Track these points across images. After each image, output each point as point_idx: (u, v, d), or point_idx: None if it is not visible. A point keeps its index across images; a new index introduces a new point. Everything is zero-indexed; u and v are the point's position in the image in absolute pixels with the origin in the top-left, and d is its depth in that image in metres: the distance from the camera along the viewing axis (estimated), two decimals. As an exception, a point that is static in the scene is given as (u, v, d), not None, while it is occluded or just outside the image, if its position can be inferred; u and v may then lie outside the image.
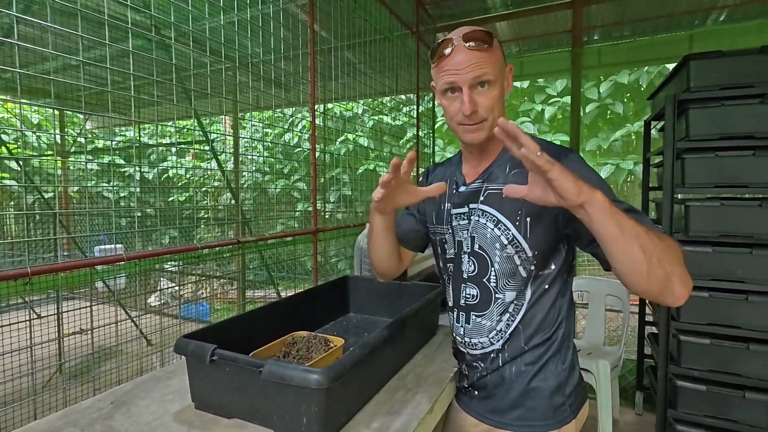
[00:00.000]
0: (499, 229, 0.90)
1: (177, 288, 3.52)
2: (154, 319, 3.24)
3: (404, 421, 0.86)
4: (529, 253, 0.88)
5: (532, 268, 0.89)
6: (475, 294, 0.96)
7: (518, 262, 0.90)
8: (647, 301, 2.49)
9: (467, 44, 0.83)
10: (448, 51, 0.84)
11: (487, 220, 0.92)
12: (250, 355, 0.95)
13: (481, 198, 0.93)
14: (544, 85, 6.24)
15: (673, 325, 1.98)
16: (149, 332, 3.04)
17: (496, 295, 0.94)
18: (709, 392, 1.89)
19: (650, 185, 2.55)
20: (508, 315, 0.93)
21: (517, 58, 3.66)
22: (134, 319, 3.27)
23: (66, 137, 4.92)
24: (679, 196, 2.02)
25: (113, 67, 1.29)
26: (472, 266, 0.95)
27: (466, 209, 0.96)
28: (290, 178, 6.29)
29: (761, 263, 1.80)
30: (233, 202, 3.10)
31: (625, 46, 3.23)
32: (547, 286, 0.91)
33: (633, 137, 5.99)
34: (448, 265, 1.02)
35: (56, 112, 4.95)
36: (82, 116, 4.65)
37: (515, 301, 0.92)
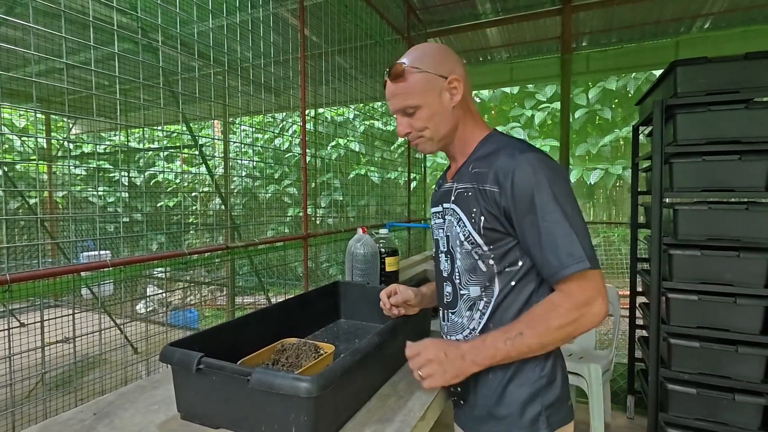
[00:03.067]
0: (460, 226, 0.92)
1: (165, 295, 3.47)
2: (142, 326, 3.18)
3: (396, 429, 0.85)
4: (485, 248, 0.88)
5: (491, 262, 0.89)
6: (450, 291, 0.98)
7: (476, 257, 0.90)
8: (637, 305, 2.51)
9: (389, 79, 0.93)
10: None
11: (454, 219, 0.94)
12: (238, 363, 0.93)
13: (452, 197, 0.95)
14: (533, 90, 6.31)
15: (663, 328, 1.99)
16: (136, 340, 2.98)
17: (461, 291, 0.95)
18: (700, 395, 1.90)
19: (639, 189, 2.57)
20: (478, 312, 0.92)
21: (507, 64, 3.69)
22: (120, 326, 3.20)
23: (52, 142, 4.84)
24: (667, 200, 2.04)
25: (101, 70, 1.27)
26: (447, 264, 0.98)
27: (440, 208, 1.00)
28: (281, 183, 6.26)
29: (749, 266, 1.82)
30: (223, 207, 3.06)
31: (613, 53, 3.28)
32: (514, 283, 0.88)
33: (621, 142, 6.07)
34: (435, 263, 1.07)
35: (39, 115, 4.87)
36: (67, 120, 4.58)
37: (483, 298, 0.91)
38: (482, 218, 0.87)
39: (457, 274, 0.95)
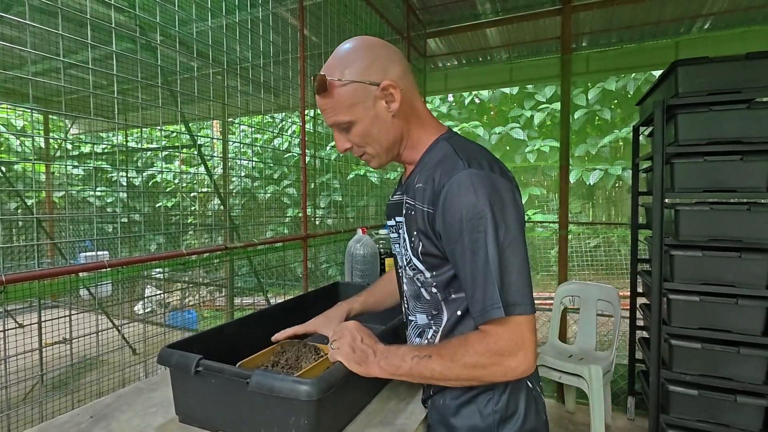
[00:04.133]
0: (405, 247, 0.84)
1: (163, 295, 3.45)
2: (141, 327, 3.16)
3: (397, 432, 0.84)
4: (427, 275, 0.79)
5: (434, 290, 0.80)
6: (404, 311, 0.93)
7: (418, 284, 0.83)
8: (638, 306, 2.50)
9: (316, 94, 0.80)
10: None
11: (403, 236, 0.85)
12: (237, 365, 0.92)
13: (403, 211, 0.84)
14: (533, 91, 6.31)
15: (664, 329, 1.98)
16: (135, 341, 2.97)
17: (409, 317, 0.89)
18: (701, 396, 1.89)
19: (639, 190, 2.57)
20: (426, 341, 0.85)
21: (507, 64, 3.68)
22: (119, 327, 3.19)
23: (50, 142, 4.83)
24: (668, 200, 2.03)
25: (98, 68, 1.26)
26: (404, 284, 0.91)
27: (393, 222, 0.90)
28: (280, 183, 6.25)
29: (750, 267, 1.81)
30: (222, 207, 3.05)
31: (613, 53, 3.27)
32: (460, 312, 0.79)
33: (621, 143, 6.07)
34: None
35: (38, 116, 4.85)
36: (67, 120, 4.56)
37: (432, 326, 0.83)
38: (421, 243, 0.78)
39: (405, 298, 0.89)
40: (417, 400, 0.96)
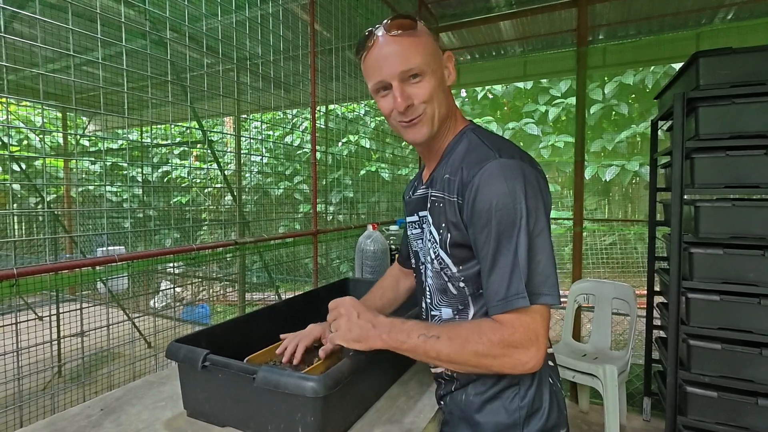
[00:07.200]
0: (431, 241, 0.82)
1: (176, 290, 3.49)
2: (157, 321, 3.21)
3: (406, 430, 0.82)
4: (454, 269, 0.79)
5: (461, 285, 0.79)
6: (424, 307, 0.92)
7: (445, 278, 0.81)
8: (655, 305, 2.44)
9: (390, 33, 0.76)
10: (371, 43, 0.77)
11: (427, 231, 0.84)
12: (245, 360, 0.91)
13: (428, 205, 0.83)
14: (547, 86, 6.21)
15: (682, 329, 1.93)
16: (149, 334, 3.01)
17: (432, 312, 0.87)
18: (720, 399, 1.84)
19: (657, 186, 2.50)
20: None
21: (521, 58, 3.62)
22: (134, 321, 3.24)
23: (68, 138, 4.92)
24: (687, 196, 1.97)
25: (112, 64, 1.27)
26: (422, 278, 0.90)
27: (416, 218, 0.90)
28: (292, 179, 6.27)
29: (774, 265, 1.75)
30: (234, 203, 3.07)
31: (631, 46, 3.19)
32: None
33: (638, 138, 5.94)
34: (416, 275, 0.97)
35: (57, 114, 4.95)
36: (78, 117, 4.64)
37: (458, 321, 0.82)
38: (449, 234, 0.77)
39: (428, 292, 0.88)
40: (426, 398, 0.95)
